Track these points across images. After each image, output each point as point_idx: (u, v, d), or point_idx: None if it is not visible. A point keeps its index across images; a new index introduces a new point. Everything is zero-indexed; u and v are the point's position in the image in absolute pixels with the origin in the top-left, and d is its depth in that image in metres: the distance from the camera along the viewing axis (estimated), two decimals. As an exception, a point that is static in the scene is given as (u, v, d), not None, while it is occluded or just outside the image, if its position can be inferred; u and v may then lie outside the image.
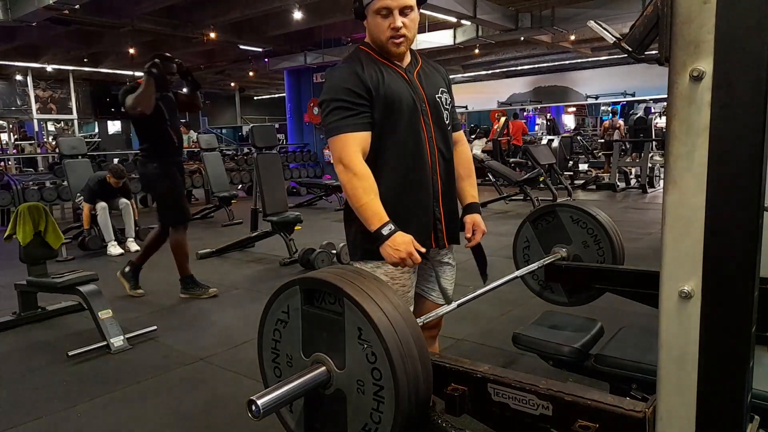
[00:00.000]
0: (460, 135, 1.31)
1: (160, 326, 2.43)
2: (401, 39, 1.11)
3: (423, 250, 1.08)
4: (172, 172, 2.71)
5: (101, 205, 4.10)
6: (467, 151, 1.32)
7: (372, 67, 1.13)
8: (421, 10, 1.21)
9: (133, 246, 4.22)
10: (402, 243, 1.06)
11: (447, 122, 1.21)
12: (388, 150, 1.13)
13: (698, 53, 0.66)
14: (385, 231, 1.06)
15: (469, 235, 1.26)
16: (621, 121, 8.84)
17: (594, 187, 7.33)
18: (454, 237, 1.25)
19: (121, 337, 2.22)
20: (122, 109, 2.61)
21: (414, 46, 1.22)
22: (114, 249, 4.12)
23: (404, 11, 1.10)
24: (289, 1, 7.37)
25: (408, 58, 1.19)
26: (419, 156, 1.15)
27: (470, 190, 1.28)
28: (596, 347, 1.26)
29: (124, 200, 4.37)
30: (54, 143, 8.60)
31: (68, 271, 2.45)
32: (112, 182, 4.28)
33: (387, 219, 1.08)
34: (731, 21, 0.64)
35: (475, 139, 9.44)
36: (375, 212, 1.08)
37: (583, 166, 8.59)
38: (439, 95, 1.20)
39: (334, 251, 3.43)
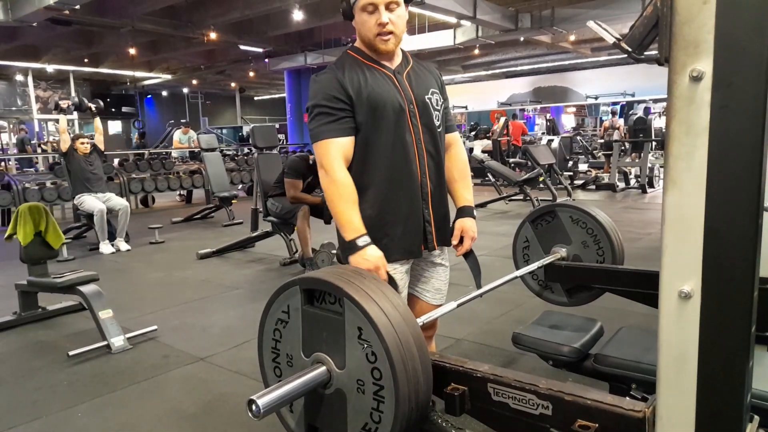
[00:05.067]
0: (454, 137, 1.29)
1: (161, 326, 2.43)
2: (388, 36, 1.10)
3: (385, 277, 1.07)
4: None
5: (100, 207, 4.11)
6: (462, 152, 1.31)
7: (355, 70, 1.12)
8: (422, 11, 1.21)
9: (123, 246, 4.23)
10: (373, 256, 1.06)
11: (437, 123, 1.20)
12: (374, 153, 1.13)
13: (698, 53, 0.66)
14: (360, 242, 1.06)
15: (455, 242, 1.24)
16: (621, 121, 8.81)
17: (594, 187, 7.31)
18: (445, 239, 1.23)
19: (122, 337, 2.22)
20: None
21: (415, 47, 1.22)
22: (106, 248, 4.13)
23: (390, 6, 1.09)
24: (290, 1, 7.38)
25: (398, 59, 1.18)
26: (406, 158, 1.15)
27: (464, 192, 1.27)
28: (596, 347, 1.26)
29: (123, 202, 4.37)
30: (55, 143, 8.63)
31: (69, 271, 2.45)
32: (77, 143, 4.26)
33: (363, 231, 1.07)
34: (731, 21, 0.64)
35: (475, 139, 9.43)
36: (350, 221, 1.07)
37: (582, 167, 8.58)
38: (429, 96, 1.19)
39: (334, 251, 3.43)
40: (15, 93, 12.39)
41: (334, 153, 1.10)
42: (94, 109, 4.57)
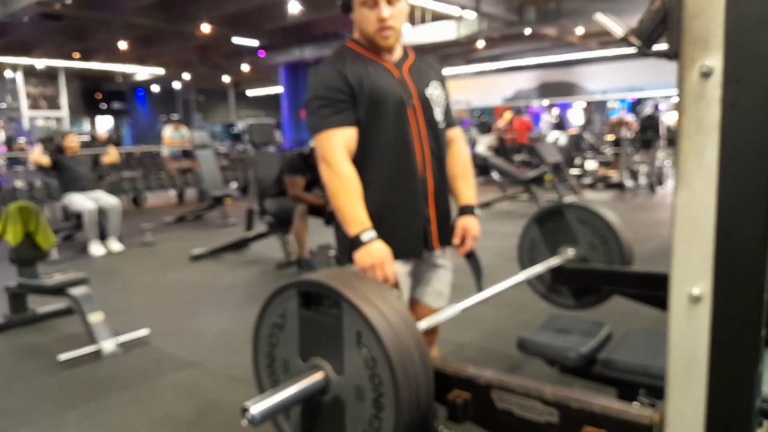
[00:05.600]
0: (456, 132, 1.25)
1: (153, 329, 2.38)
2: (389, 31, 1.07)
3: (393, 274, 1.04)
4: None
5: (90, 207, 4.02)
6: (464, 149, 1.28)
7: (356, 63, 1.09)
8: (423, 2, 1.17)
9: (116, 246, 4.15)
10: (378, 250, 1.02)
11: (439, 119, 1.17)
12: (374, 149, 1.10)
13: (707, 48, 0.65)
14: (364, 237, 1.02)
15: (457, 242, 1.20)
16: (629, 117, 8.64)
17: (601, 185, 7.21)
18: (446, 239, 1.20)
19: (113, 341, 2.17)
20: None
21: (416, 40, 1.18)
22: (96, 249, 4.03)
23: (391, 1, 1.06)
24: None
25: (398, 53, 1.15)
26: (407, 154, 1.11)
27: (466, 190, 1.23)
28: (604, 352, 1.23)
29: (114, 200, 4.28)
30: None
31: (58, 273, 2.39)
32: (66, 141, 4.22)
33: (368, 225, 1.04)
34: (741, 15, 0.63)
35: (479, 135, 9.28)
36: (354, 216, 1.04)
37: (589, 164, 8.44)
38: (431, 91, 1.16)
39: (332, 252, 3.39)
40: (5, 90, 12.19)
41: (337, 144, 1.06)
42: (105, 139, 4.52)
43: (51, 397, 1.81)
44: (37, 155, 4.14)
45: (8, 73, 11.60)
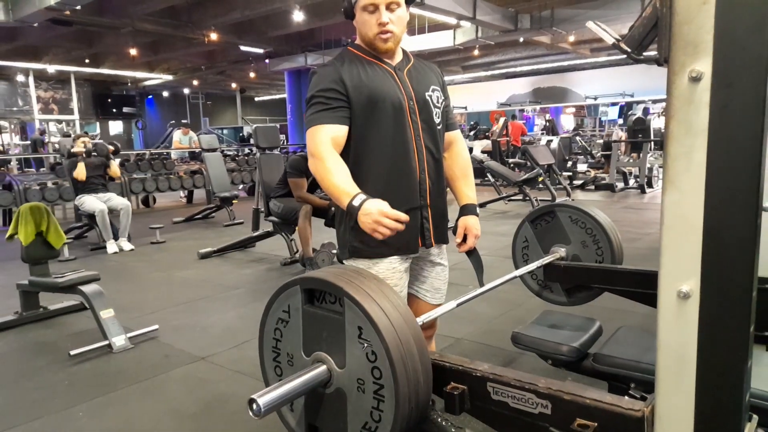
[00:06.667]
0: (456, 134, 1.29)
1: (162, 325, 2.43)
2: (388, 35, 1.11)
3: (403, 218, 0.99)
4: None
5: (100, 207, 4.13)
6: (464, 150, 1.31)
7: (355, 65, 1.13)
8: (421, 11, 1.21)
9: (126, 245, 4.25)
10: (373, 207, 0.99)
11: (437, 121, 1.20)
12: (372, 148, 1.13)
13: (697, 54, 0.66)
14: (356, 202, 1.00)
15: (459, 240, 1.24)
16: (624, 134, 8.70)
17: (593, 187, 7.33)
18: (442, 237, 1.24)
19: (123, 337, 2.23)
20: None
21: (414, 48, 1.22)
22: (111, 247, 4.18)
23: (391, 6, 1.10)
24: (290, 2, 7.39)
25: (398, 57, 1.19)
26: (405, 154, 1.14)
27: (466, 190, 1.27)
28: (595, 346, 1.26)
29: (124, 201, 4.39)
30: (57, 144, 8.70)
31: (70, 271, 2.45)
32: (78, 143, 4.33)
33: (356, 191, 1.02)
34: (730, 21, 0.64)
35: (475, 139, 9.44)
36: (343, 188, 1.03)
37: (582, 167, 8.59)
38: (430, 93, 1.19)
39: (335, 251, 3.44)
40: (16, 93, 12.42)
41: (323, 138, 1.09)
42: (111, 151, 4.63)
43: (62, 391, 1.86)
44: (82, 172, 4.27)
45: (19, 77, 11.82)
